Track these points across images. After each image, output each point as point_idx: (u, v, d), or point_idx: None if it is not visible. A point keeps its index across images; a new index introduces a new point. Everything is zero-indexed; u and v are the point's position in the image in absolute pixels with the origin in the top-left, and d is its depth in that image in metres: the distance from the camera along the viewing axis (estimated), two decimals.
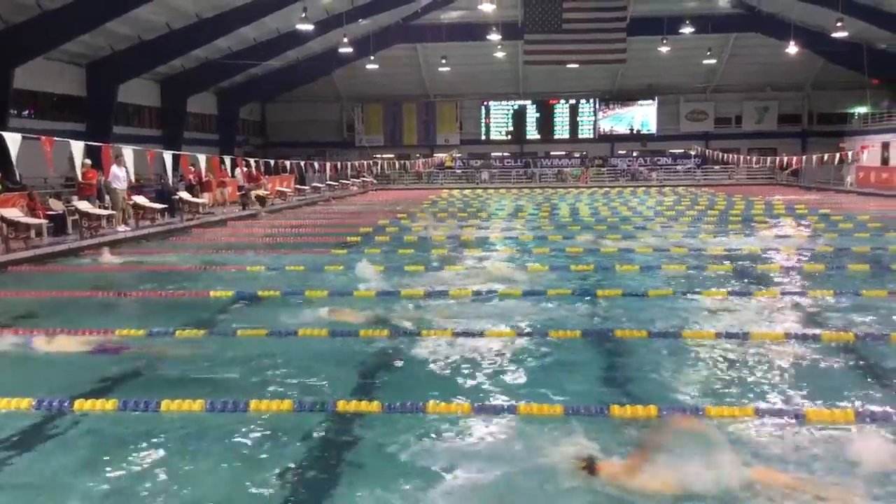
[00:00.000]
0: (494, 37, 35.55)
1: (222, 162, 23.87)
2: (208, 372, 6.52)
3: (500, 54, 40.07)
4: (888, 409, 5.27)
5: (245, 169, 25.45)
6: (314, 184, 34.86)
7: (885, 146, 35.68)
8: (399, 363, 6.80)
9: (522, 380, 6.22)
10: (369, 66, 39.61)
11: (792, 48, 35.51)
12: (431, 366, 6.64)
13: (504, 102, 46.80)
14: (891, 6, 27.31)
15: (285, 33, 32.46)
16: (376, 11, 34.53)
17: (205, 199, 22.73)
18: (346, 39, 33.35)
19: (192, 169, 22.43)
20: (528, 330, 7.77)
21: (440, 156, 45.84)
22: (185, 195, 21.47)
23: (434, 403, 5.39)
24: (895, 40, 33.23)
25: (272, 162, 26.96)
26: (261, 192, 25.12)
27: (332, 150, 44.08)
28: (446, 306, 9.05)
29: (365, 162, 38.85)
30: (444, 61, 41.21)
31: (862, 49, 34.74)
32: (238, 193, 25.50)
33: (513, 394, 5.84)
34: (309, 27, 28.68)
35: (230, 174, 25.57)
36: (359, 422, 5.25)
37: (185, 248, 15.25)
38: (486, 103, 46.80)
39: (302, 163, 30.79)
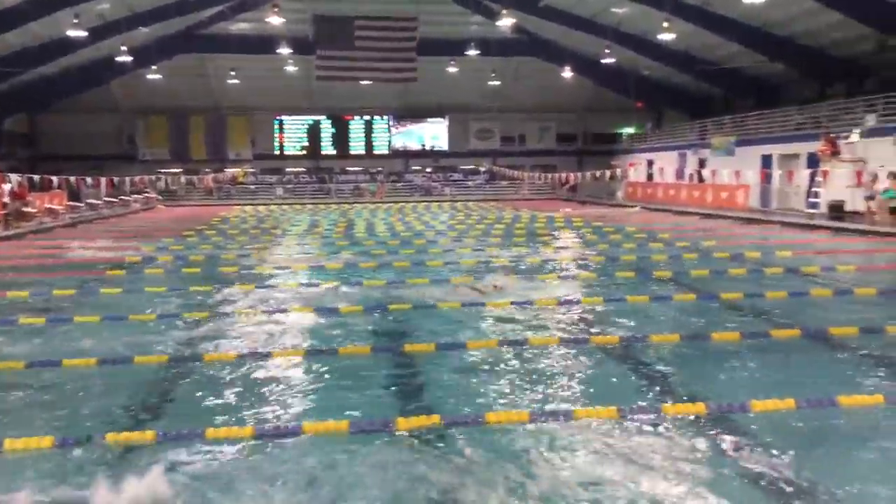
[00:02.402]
0: (285, 50, 35.06)
1: None
2: None
3: (291, 68, 39.62)
4: (648, 404, 5.75)
5: (8, 185, 23.11)
6: (90, 200, 32.39)
7: (650, 163, 39.35)
8: (179, 390, 6.45)
9: (310, 399, 6.11)
10: (152, 77, 37.62)
11: (567, 72, 38.26)
12: (215, 390, 6.35)
13: (298, 117, 46.26)
14: (653, 36, 30.14)
15: (56, 39, 29.98)
16: (158, 19, 32.82)
17: None
18: (124, 48, 31.43)
19: None
20: (318, 348, 7.68)
21: (231, 171, 44.40)
22: None
23: (214, 430, 5.15)
24: (654, 67, 36.75)
25: (36, 177, 24.72)
26: (28, 208, 22.96)
27: (111, 164, 41.09)
28: (232, 327, 8.73)
29: (147, 177, 36.74)
30: (233, 73, 40.03)
31: (627, 75, 38.15)
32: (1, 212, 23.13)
33: (299, 414, 5.72)
34: (82, 34, 26.71)
35: None
36: (131, 455, 4.89)
37: None
38: (279, 117, 46.01)
39: (73, 178, 28.47)
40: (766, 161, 29.15)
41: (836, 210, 22.17)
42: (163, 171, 41.01)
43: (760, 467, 4.62)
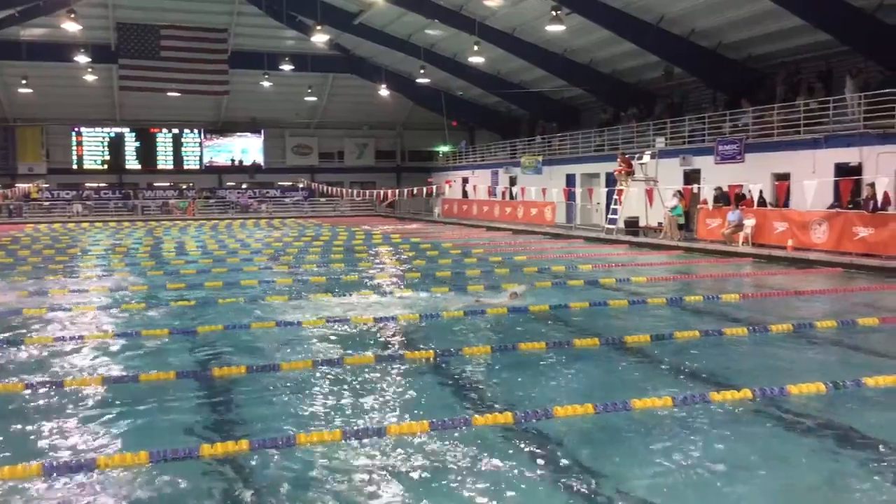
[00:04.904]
0: (83, 59, 32.84)
1: None
2: None
3: (91, 78, 37.07)
4: (459, 415, 5.88)
5: None
6: None
7: (465, 181, 40.53)
8: None
9: (106, 431, 5.69)
10: None
11: (384, 91, 38.69)
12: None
13: (98, 129, 43.28)
14: (464, 58, 31.14)
15: None
16: None
17: None
18: None
19: None
20: (117, 375, 7.20)
21: (23, 186, 40.81)
22: None
23: None
24: (467, 88, 38.03)
25: None
26: None
27: None
28: (20, 355, 8.00)
29: None
30: (24, 82, 36.84)
31: (442, 94, 39.17)
32: None
33: (94, 447, 5.32)
34: None
35: None
36: None
37: None
38: (77, 129, 42.86)
39: None
40: (571, 180, 30.94)
41: (632, 226, 23.91)
42: None
43: (562, 471, 4.86)
